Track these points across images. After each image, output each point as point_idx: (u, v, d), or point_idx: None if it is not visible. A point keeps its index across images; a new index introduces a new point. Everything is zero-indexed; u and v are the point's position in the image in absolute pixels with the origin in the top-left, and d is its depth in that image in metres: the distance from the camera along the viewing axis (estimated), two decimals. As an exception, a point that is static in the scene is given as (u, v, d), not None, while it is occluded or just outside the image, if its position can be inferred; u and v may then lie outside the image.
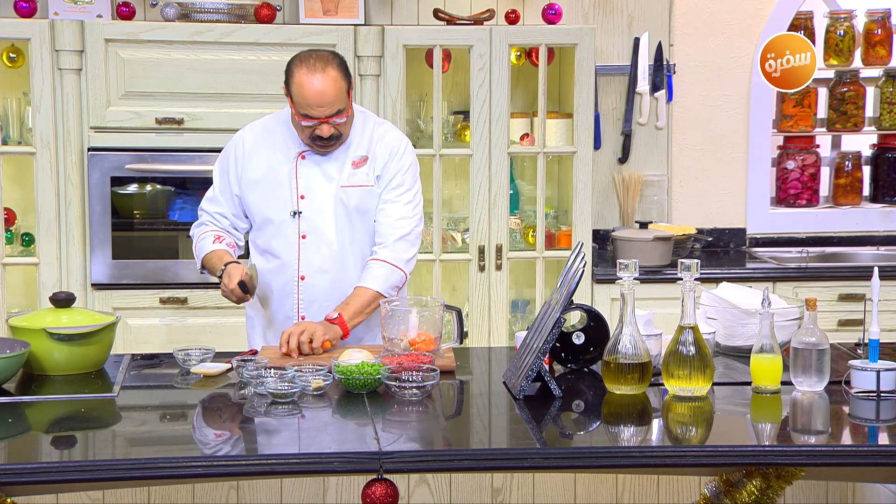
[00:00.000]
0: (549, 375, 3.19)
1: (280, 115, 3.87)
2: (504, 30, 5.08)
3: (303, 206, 3.77)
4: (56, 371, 3.36)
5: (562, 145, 5.21)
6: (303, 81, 3.60)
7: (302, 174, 3.77)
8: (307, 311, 3.79)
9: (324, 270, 3.79)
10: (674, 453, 2.87)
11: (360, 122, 3.80)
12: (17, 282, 5.12)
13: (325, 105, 3.60)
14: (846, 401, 3.17)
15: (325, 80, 3.59)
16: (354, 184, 3.77)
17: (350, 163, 3.77)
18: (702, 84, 5.66)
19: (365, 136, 3.80)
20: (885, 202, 5.90)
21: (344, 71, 3.65)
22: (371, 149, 3.79)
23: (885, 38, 5.71)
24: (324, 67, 3.60)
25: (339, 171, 3.77)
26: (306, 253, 3.78)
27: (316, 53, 3.67)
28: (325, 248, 3.78)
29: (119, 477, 2.73)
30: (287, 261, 3.80)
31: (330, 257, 3.78)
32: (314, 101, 3.60)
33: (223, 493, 3.78)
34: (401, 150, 3.81)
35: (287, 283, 3.81)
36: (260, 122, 3.90)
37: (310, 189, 3.77)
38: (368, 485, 2.78)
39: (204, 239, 3.84)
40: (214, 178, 3.90)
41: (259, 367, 3.25)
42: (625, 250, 5.19)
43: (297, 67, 3.64)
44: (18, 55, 5.08)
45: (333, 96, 3.60)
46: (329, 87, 3.60)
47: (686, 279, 3.13)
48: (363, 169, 3.78)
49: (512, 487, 3.88)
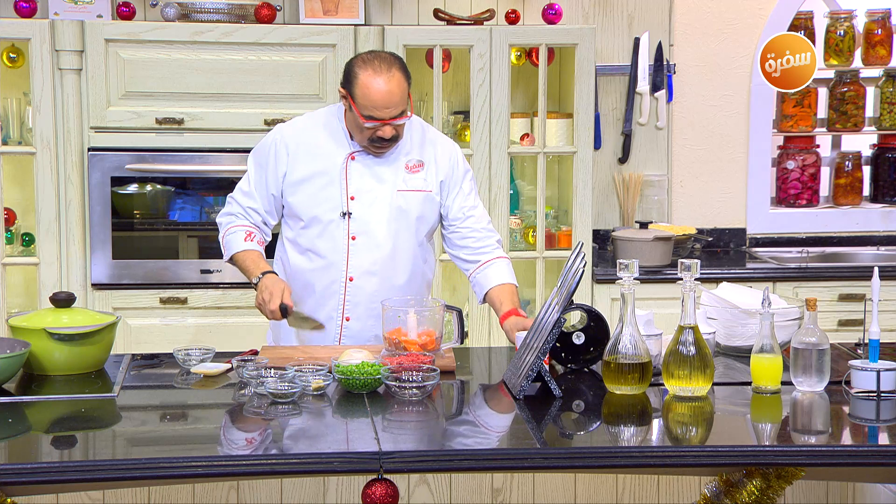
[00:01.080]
0: (549, 375, 3.19)
1: (319, 117, 3.85)
2: (504, 30, 5.08)
3: (353, 207, 3.75)
4: (56, 371, 3.36)
5: (562, 145, 5.21)
6: (369, 83, 3.59)
7: (353, 175, 3.75)
8: (352, 313, 3.78)
9: (373, 273, 3.77)
10: (674, 453, 2.87)
11: (407, 125, 3.79)
12: (17, 282, 5.12)
13: (391, 106, 3.60)
14: (846, 401, 3.17)
15: (391, 81, 3.59)
16: (413, 188, 3.77)
17: (403, 166, 3.77)
18: (702, 84, 5.66)
19: (415, 140, 3.80)
20: (885, 202, 5.90)
21: (406, 72, 3.65)
22: (425, 154, 3.80)
23: (885, 38, 5.71)
24: (389, 69, 3.60)
25: (393, 175, 3.76)
26: (356, 254, 3.76)
27: (379, 55, 3.66)
28: (376, 251, 3.76)
29: (119, 477, 2.73)
30: (334, 261, 3.77)
31: (380, 259, 3.77)
32: (381, 103, 3.59)
33: (223, 493, 3.78)
34: (458, 154, 3.88)
35: (332, 283, 3.78)
36: (300, 122, 3.86)
37: (360, 190, 3.75)
38: (368, 485, 2.78)
39: (234, 233, 3.82)
40: (250, 172, 3.85)
41: (259, 367, 3.25)
42: (625, 250, 5.19)
43: (361, 69, 3.62)
44: (18, 55, 5.08)
45: (399, 97, 3.60)
46: (395, 88, 3.59)
47: (686, 279, 3.13)
48: (420, 174, 3.78)
49: (512, 487, 3.88)
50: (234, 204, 3.88)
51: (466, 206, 3.84)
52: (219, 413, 3.16)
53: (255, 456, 2.82)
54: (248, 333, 4.87)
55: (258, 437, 2.95)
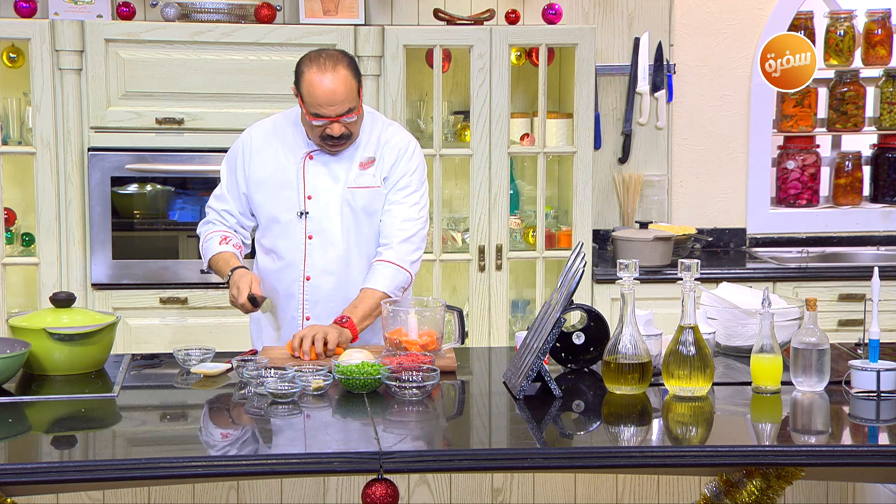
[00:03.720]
0: (549, 375, 3.19)
1: (289, 115, 3.86)
2: (504, 30, 5.08)
3: (310, 207, 3.76)
4: (56, 371, 3.36)
5: (562, 145, 5.21)
6: (313, 80, 3.59)
7: (309, 174, 3.76)
8: (312, 312, 3.79)
9: (329, 272, 3.78)
10: (674, 453, 2.87)
11: (368, 123, 3.80)
12: (17, 282, 5.12)
13: (335, 104, 3.60)
14: (846, 401, 3.17)
15: (336, 78, 3.59)
16: (361, 185, 3.76)
17: (358, 163, 3.77)
18: (702, 84, 5.66)
19: (373, 137, 3.80)
20: (885, 202, 5.90)
21: (354, 70, 3.64)
22: (379, 150, 3.79)
23: (885, 38, 5.71)
24: (334, 66, 3.60)
25: (347, 172, 3.76)
26: (312, 254, 3.78)
27: (326, 52, 3.66)
28: (332, 249, 3.78)
29: (119, 477, 2.73)
30: (292, 261, 3.79)
31: (336, 258, 3.78)
32: (325, 100, 3.59)
33: (223, 493, 3.78)
34: (409, 151, 3.81)
35: (292, 283, 3.81)
36: (269, 121, 3.89)
37: (317, 190, 3.76)
38: (368, 485, 2.78)
39: (211, 239, 3.83)
40: (222, 176, 3.89)
41: (259, 367, 3.25)
42: (625, 250, 5.19)
43: (307, 66, 3.63)
44: (18, 55, 5.08)
45: (344, 95, 3.60)
46: (340, 85, 3.59)
47: (686, 279, 3.13)
48: (370, 170, 3.77)
49: (512, 487, 3.88)
50: (210, 211, 3.90)
51: (394, 199, 3.77)
52: (219, 413, 3.16)
53: (255, 456, 2.82)
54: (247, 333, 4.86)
55: (258, 437, 2.95)
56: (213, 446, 2.91)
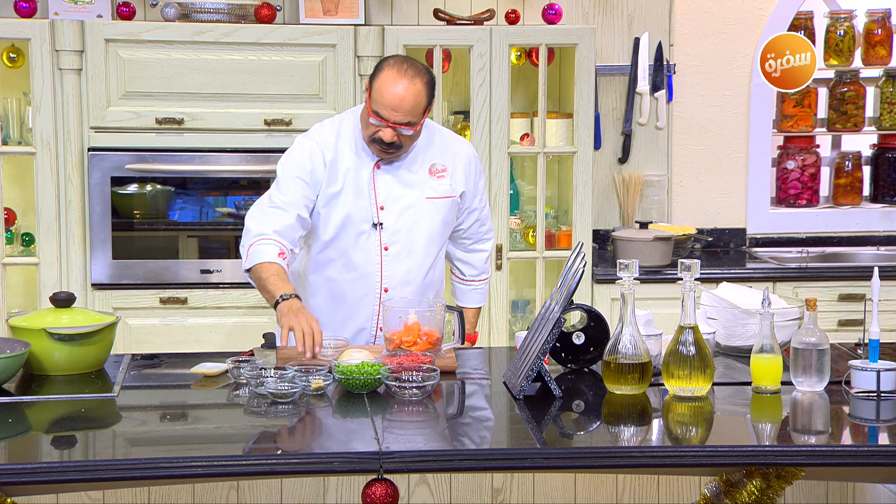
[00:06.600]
0: (549, 375, 3.19)
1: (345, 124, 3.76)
2: (504, 30, 5.08)
3: (383, 218, 3.72)
4: (56, 371, 3.36)
5: (562, 145, 5.21)
6: (387, 80, 3.56)
7: (380, 184, 3.72)
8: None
9: (407, 282, 3.77)
10: (674, 453, 2.87)
11: (428, 131, 3.76)
12: (17, 282, 5.12)
13: (399, 111, 3.55)
14: (846, 401, 3.17)
15: (410, 87, 3.55)
16: (441, 195, 3.76)
17: (426, 171, 3.75)
18: (702, 84, 5.66)
19: (436, 145, 3.78)
20: (885, 202, 5.90)
21: (429, 88, 3.60)
22: (448, 160, 3.78)
23: (885, 38, 5.71)
24: (413, 76, 3.56)
25: (418, 181, 3.74)
26: (390, 265, 3.75)
27: (412, 60, 3.63)
28: (409, 260, 3.76)
29: (119, 477, 2.73)
30: (367, 272, 3.74)
31: (415, 268, 3.77)
32: (390, 104, 3.55)
33: (223, 493, 3.78)
34: (477, 161, 3.90)
35: (366, 295, 3.76)
36: (330, 130, 3.75)
37: (389, 199, 3.72)
38: (368, 485, 2.78)
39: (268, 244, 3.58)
40: (286, 185, 3.67)
41: (257, 367, 3.24)
42: (625, 250, 5.19)
43: (387, 65, 3.60)
44: (18, 55, 5.08)
45: (411, 106, 3.56)
46: (410, 96, 3.55)
47: (686, 279, 3.13)
48: (445, 180, 3.76)
49: (512, 487, 3.88)
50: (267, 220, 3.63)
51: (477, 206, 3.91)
52: (219, 413, 3.16)
53: (255, 456, 2.82)
54: (248, 333, 4.86)
55: (258, 437, 2.95)
56: (213, 446, 2.91)
